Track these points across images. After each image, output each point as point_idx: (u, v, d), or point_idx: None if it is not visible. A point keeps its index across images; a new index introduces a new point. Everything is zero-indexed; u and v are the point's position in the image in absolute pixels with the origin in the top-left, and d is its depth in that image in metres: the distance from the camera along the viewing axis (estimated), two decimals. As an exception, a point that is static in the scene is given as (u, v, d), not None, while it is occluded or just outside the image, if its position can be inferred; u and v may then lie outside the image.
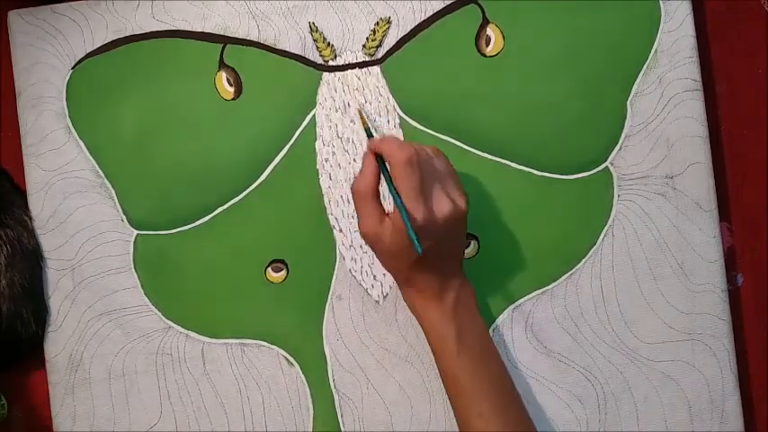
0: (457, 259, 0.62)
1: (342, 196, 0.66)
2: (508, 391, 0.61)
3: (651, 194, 0.65)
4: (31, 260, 0.65)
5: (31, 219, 0.66)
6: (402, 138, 0.66)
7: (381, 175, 0.60)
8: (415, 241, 0.57)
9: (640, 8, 0.66)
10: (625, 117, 0.66)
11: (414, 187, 0.57)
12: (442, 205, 0.58)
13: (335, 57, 0.67)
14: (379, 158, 0.60)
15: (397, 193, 0.58)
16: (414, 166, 0.57)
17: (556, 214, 0.66)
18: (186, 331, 0.66)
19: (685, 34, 0.65)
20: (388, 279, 0.66)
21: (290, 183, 0.66)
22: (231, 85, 0.67)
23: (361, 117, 0.65)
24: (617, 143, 0.66)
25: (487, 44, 0.66)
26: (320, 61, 0.67)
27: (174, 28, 0.67)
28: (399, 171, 0.58)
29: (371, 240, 0.60)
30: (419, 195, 0.57)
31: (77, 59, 0.67)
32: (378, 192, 0.59)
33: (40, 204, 0.66)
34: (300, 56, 0.67)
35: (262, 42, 0.67)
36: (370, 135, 0.63)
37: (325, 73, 0.67)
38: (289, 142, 0.66)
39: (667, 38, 0.66)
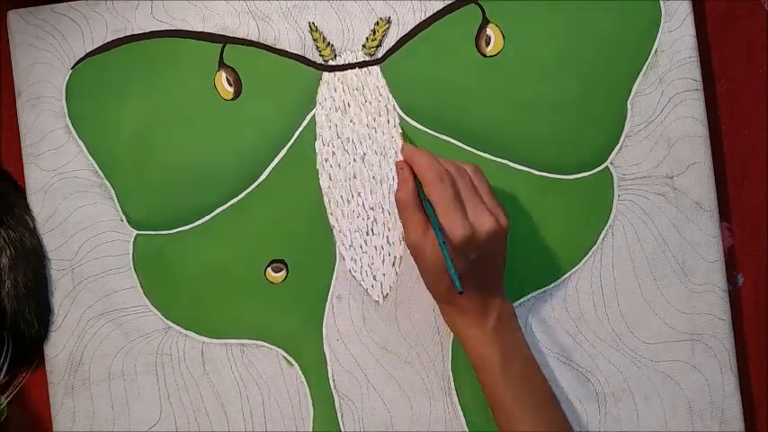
0: (499, 277, 0.61)
1: (342, 196, 0.66)
2: (552, 408, 0.61)
3: (651, 194, 0.65)
4: (33, 260, 0.65)
5: (32, 218, 0.66)
6: (401, 137, 0.66)
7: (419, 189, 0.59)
8: (455, 277, 0.56)
9: (640, 8, 0.66)
10: (625, 117, 0.66)
11: (448, 201, 0.56)
12: (484, 219, 0.57)
13: (335, 57, 0.67)
14: (414, 175, 0.59)
15: (434, 212, 0.57)
16: (444, 181, 0.57)
17: (556, 214, 0.66)
18: (186, 331, 0.66)
19: (685, 34, 0.65)
20: (388, 279, 0.66)
21: (290, 183, 0.66)
22: (231, 84, 0.67)
23: (402, 136, 0.65)
24: (617, 143, 0.66)
25: (487, 44, 0.66)
26: (320, 61, 0.67)
27: (174, 28, 0.67)
28: (429, 187, 0.57)
29: (415, 252, 0.59)
30: (456, 209, 0.56)
31: (77, 59, 0.67)
32: (419, 200, 0.59)
33: (40, 204, 0.66)
34: (300, 56, 0.67)
35: (262, 42, 0.67)
36: (410, 141, 0.63)
37: (325, 73, 0.67)
38: (289, 142, 0.66)
39: (667, 37, 0.66)
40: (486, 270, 0.59)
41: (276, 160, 0.66)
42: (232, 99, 0.67)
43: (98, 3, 0.67)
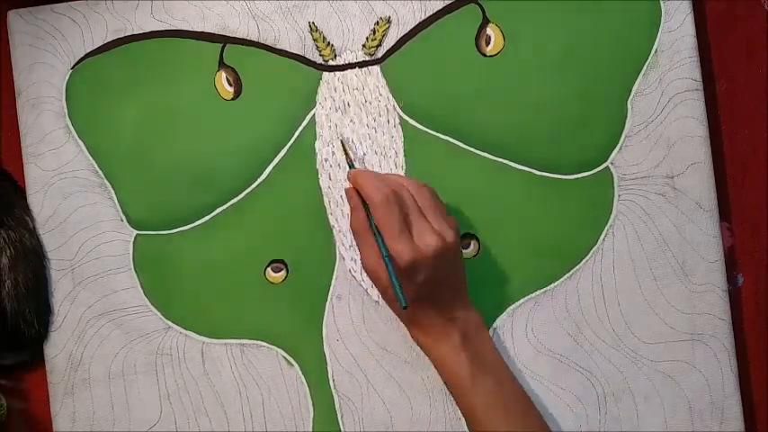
0: (458, 291, 0.62)
1: (342, 196, 0.66)
2: (527, 415, 0.61)
3: (651, 194, 0.65)
4: (33, 260, 0.65)
5: (32, 219, 0.66)
6: (401, 137, 0.66)
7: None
8: (399, 294, 0.57)
9: (640, 8, 0.66)
10: (625, 117, 0.66)
11: (393, 225, 0.58)
12: (428, 239, 0.58)
13: (335, 56, 0.66)
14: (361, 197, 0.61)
15: (379, 234, 0.59)
16: (391, 204, 0.58)
17: (556, 214, 0.66)
18: (186, 331, 0.66)
19: (685, 34, 0.65)
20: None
21: (290, 183, 0.66)
22: (231, 84, 0.67)
23: (343, 147, 0.65)
24: (617, 143, 0.66)
25: (487, 44, 0.66)
26: (320, 61, 0.67)
27: (174, 28, 0.67)
28: (377, 211, 0.59)
29: (372, 276, 0.61)
30: (401, 232, 0.58)
31: (77, 59, 0.67)
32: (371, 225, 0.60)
33: (40, 204, 0.66)
34: (300, 56, 0.67)
35: (262, 42, 0.67)
36: (351, 166, 0.64)
37: (324, 73, 0.67)
38: (288, 142, 0.66)
39: (667, 38, 0.66)
40: (442, 287, 0.60)
41: (276, 160, 0.66)
42: (232, 99, 0.67)
43: (98, 3, 0.67)
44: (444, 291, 0.60)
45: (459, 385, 0.60)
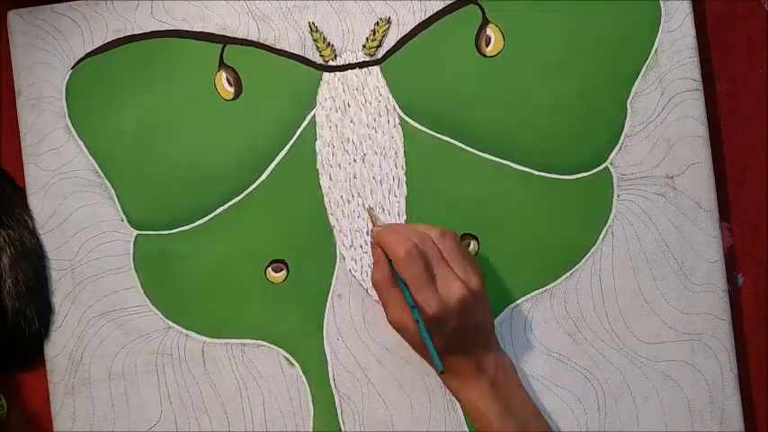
0: (486, 335, 0.62)
1: (342, 196, 0.66)
2: None
3: (651, 194, 0.65)
4: (33, 259, 0.65)
5: (32, 218, 0.66)
6: (401, 137, 0.66)
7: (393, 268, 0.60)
8: (436, 358, 0.57)
9: (640, 8, 0.66)
10: (625, 117, 0.66)
11: (417, 277, 0.58)
12: (453, 288, 0.58)
13: (335, 57, 0.66)
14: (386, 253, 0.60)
15: (406, 286, 0.59)
16: (413, 257, 0.58)
17: (556, 214, 0.66)
18: (186, 331, 0.66)
19: (685, 34, 0.65)
20: (388, 279, 0.66)
21: (290, 183, 0.66)
22: (231, 84, 0.67)
23: (370, 215, 0.65)
24: (617, 143, 0.66)
25: (487, 44, 0.66)
26: (320, 61, 0.67)
27: (174, 28, 0.67)
28: (401, 265, 0.58)
29: (399, 328, 0.61)
30: (426, 284, 0.58)
31: (77, 59, 0.67)
32: (395, 280, 0.60)
33: (40, 204, 0.66)
34: (300, 56, 0.67)
35: (262, 42, 0.67)
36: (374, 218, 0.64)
37: (325, 73, 0.67)
38: (289, 142, 0.66)
39: (667, 38, 0.66)
40: (470, 333, 0.60)
41: (276, 160, 0.66)
42: (232, 99, 0.67)
43: (98, 3, 0.67)
44: (472, 337, 0.60)
45: (485, 425, 0.60)
